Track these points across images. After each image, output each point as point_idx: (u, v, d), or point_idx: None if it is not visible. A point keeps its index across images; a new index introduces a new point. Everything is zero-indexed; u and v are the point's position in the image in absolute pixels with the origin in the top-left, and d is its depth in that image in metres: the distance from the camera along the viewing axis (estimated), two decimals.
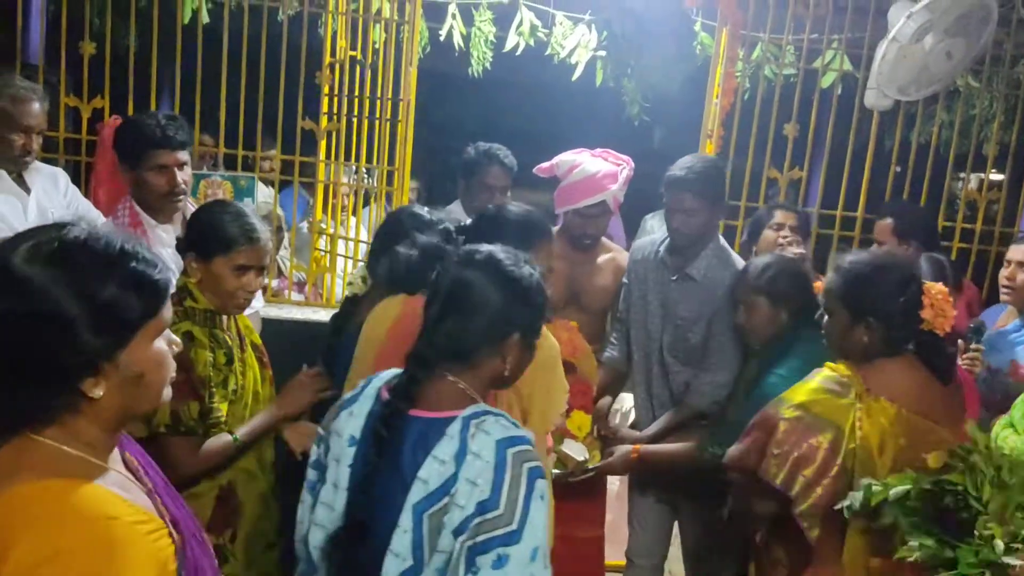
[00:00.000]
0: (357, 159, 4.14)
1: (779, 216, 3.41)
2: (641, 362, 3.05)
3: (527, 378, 1.93)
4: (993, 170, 4.28)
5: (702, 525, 2.96)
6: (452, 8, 4.45)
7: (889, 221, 3.50)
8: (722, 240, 2.99)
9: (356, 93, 4.09)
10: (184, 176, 2.80)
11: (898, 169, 4.28)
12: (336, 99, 4.07)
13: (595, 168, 3.01)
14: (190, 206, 2.90)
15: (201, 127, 4.04)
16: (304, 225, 4.46)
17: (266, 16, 3.97)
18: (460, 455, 1.48)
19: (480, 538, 1.42)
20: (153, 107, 3.93)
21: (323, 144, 4.09)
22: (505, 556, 1.41)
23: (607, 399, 3.14)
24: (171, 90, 4.02)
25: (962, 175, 4.76)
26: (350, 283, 2.60)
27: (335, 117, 4.07)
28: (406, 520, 1.48)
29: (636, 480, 3.14)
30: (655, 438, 2.92)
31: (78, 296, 1.11)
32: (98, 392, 1.15)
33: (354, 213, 4.31)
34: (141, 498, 1.22)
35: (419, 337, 1.63)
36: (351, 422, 1.62)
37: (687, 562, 3.09)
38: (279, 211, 4.82)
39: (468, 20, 4.51)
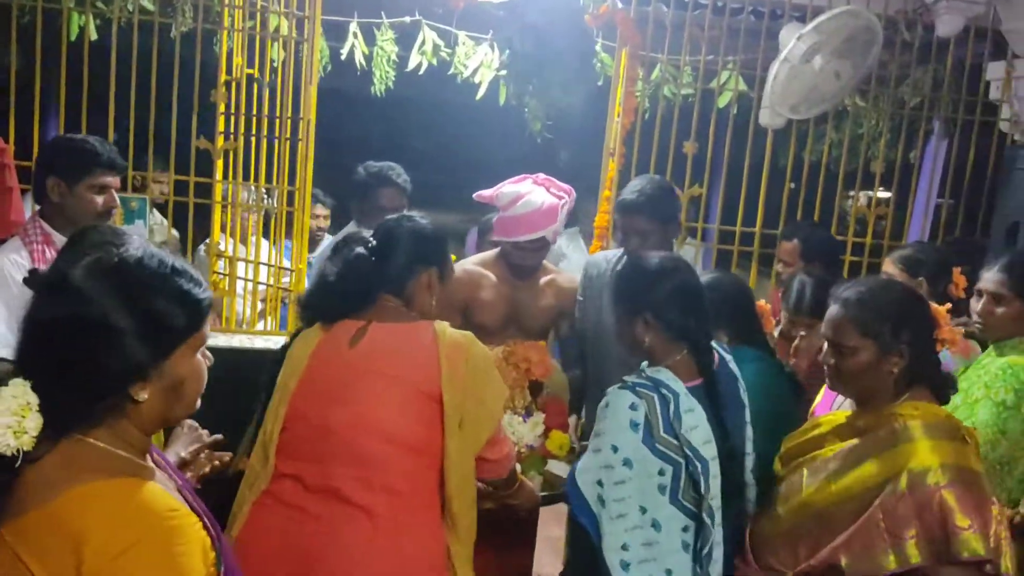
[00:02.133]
0: (256, 179, 4.03)
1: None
2: (597, 377, 3.02)
3: (457, 386, 1.95)
4: (881, 187, 4.46)
5: None
6: (353, 27, 4.40)
7: (795, 243, 3.60)
8: None
9: (254, 112, 3.99)
10: (115, 200, 2.81)
11: (792, 186, 4.42)
12: (233, 118, 3.96)
13: (539, 201, 2.94)
14: None
15: None
16: (202, 248, 4.32)
17: (157, 33, 3.85)
18: None
19: None
20: (36, 127, 3.75)
21: (219, 164, 3.97)
22: None
23: (572, 417, 3.14)
24: (56, 109, 3.85)
25: (852, 192, 4.94)
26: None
27: (231, 136, 3.96)
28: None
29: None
30: None
31: (132, 308, 1.24)
32: (144, 395, 1.27)
33: (265, 235, 4.20)
34: (176, 494, 1.35)
35: None
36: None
37: None
38: (174, 232, 4.67)
39: (370, 39, 4.47)
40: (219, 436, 1.85)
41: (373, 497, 1.99)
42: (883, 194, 4.60)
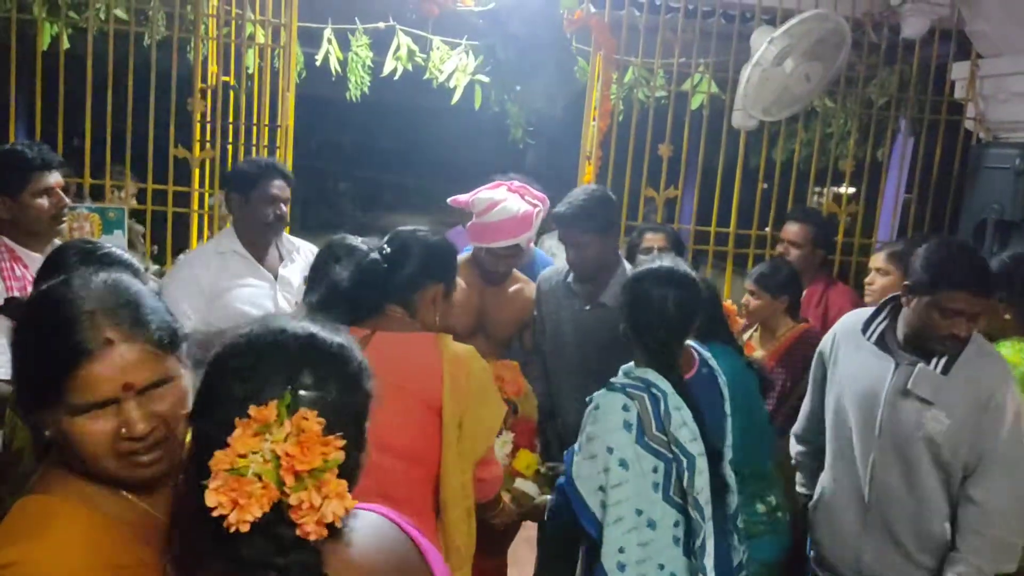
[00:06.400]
0: None
1: (648, 239, 3.53)
2: (561, 393, 3.03)
3: (458, 399, 1.99)
4: (851, 187, 4.55)
5: None
6: (328, 33, 4.41)
7: (807, 227, 3.64)
8: (626, 264, 3.05)
9: (231, 119, 3.99)
10: (65, 197, 2.74)
11: (765, 186, 4.49)
12: (210, 126, 3.95)
13: (514, 209, 2.95)
14: (56, 240, 2.76)
15: (65, 157, 3.84)
16: (181, 257, 4.30)
17: (132, 41, 3.83)
18: None
19: None
20: (12, 138, 3.72)
21: (196, 172, 3.96)
22: None
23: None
24: (30, 117, 3.82)
25: (822, 190, 5.03)
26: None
27: (208, 145, 3.95)
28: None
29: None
30: None
31: None
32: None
33: None
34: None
35: None
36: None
37: None
38: (138, 227, 4.63)
39: (344, 45, 4.48)
40: None
41: (367, 501, 2.00)
42: (844, 190, 4.69)
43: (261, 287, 3.04)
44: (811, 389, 2.70)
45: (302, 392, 0.98)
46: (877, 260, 3.36)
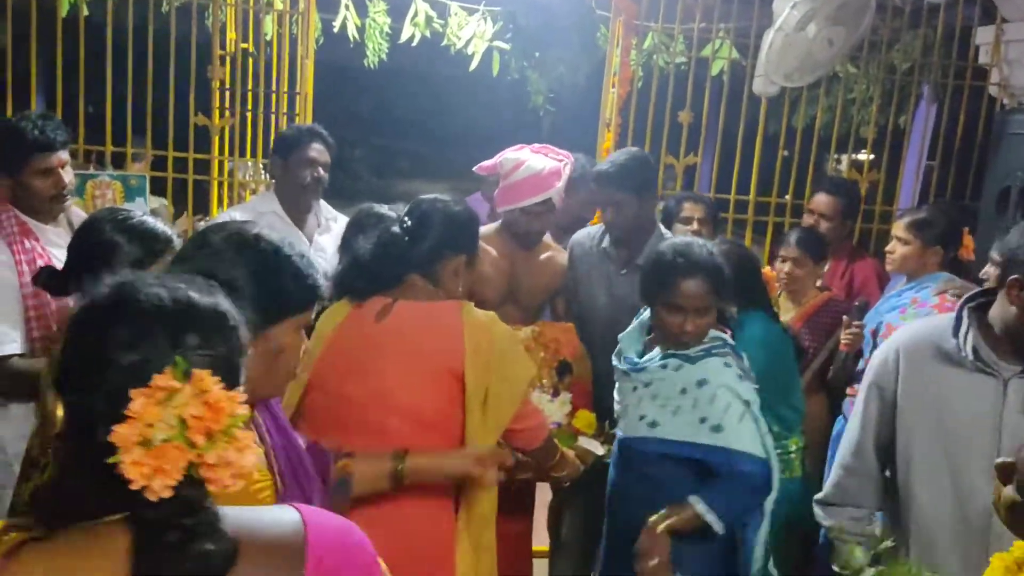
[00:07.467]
0: (253, 155, 4.04)
1: (687, 209, 3.53)
2: (594, 357, 3.01)
3: (480, 365, 2.02)
4: (871, 154, 4.51)
5: None
6: None
7: (838, 199, 3.62)
8: (663, 228, 3.04)
9: (250, 87, 3.99)
10: (68, 176, 2.66)
11: (786, 153, 4.46)
12: (229, 93, 3.96)
13: (540, 165, 2.95)
14: (75, 209, 2.78)
15: (85, 124, 3.86)
16: (201, 225, 4.33)
17: (152, 8, 3.82)
18: None
19: None
20: (33, 106, 3.74)
21: (216, 140, 3.97)
22: None
23: None
24: (51, 86, 3.83)
25: (842, 156, 4.99)
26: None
27: (226, 112, 3.96)
28: None
29: None
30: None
31: (253, 276, 1.38)
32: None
33: None
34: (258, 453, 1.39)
35: None
36: None
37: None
38: (163, 201, 4.66)
39: (362, 11, 4.45)
40: None
41: None
42: (864, 157, 4.65)
43: None
44: (862, 419, 2.06)
45: (193, 354, 0.98)
46: (898, 228, 3.30)
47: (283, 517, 1.05)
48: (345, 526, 1.08)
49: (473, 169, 3.17)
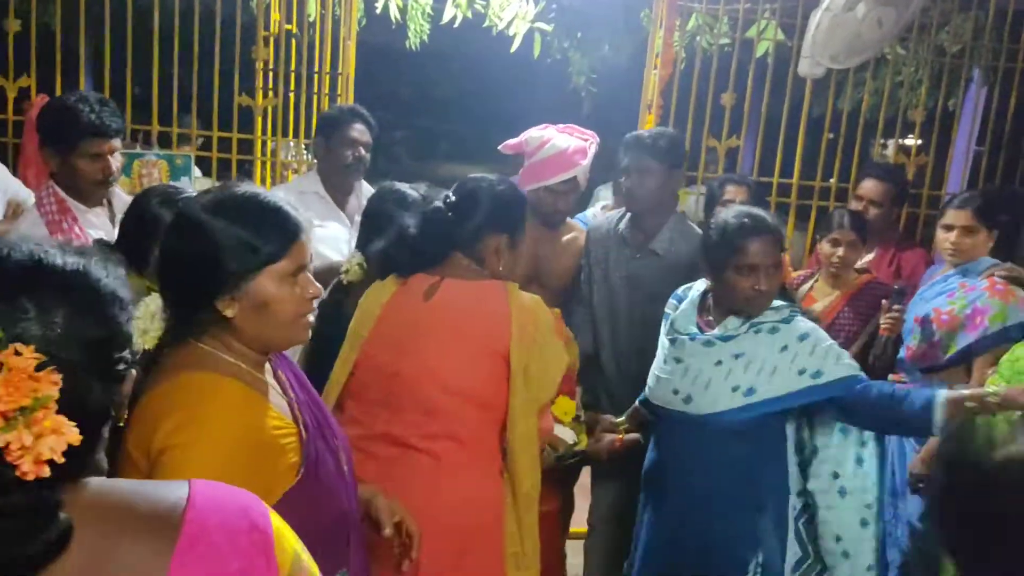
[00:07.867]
0: (296, 135, 4.07)
1: (730, 192, 3.49)
2: (609, 342, 3.03)
3: (525, 347, 2.05)
4: (919, 138, 4.43)
5: None
6: None
7: (890, 186, 3.51)
8: (682, 212, 3.03)
9: (293, 67, 4.02)
10: (116, 163, 2.69)
11: (831, 136, 4.39)
12: (272, 74, 3.99)
13: (565, 144, 2.96)
14: (117, 189, 2.82)
15: (132, 104, 3.93)
16: None
17: None
18: None
19: None
20: (82, 85, 3.80)
21: (259, 120, 4.01)
22: None
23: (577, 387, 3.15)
24: (99, 67, 3.89)
25: (889, 140, 4.90)
26: (345, 270, 2.53)
27: (270, 93, 3.99)
28: None
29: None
30: (632, 419, 2.85)
31: (219, 233, 1.42)
32: (230, 312, 1.44)
33: None
34: (281, 403, 1.51)
35: None
36: None
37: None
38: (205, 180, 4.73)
39: None
40: None
41: (436, 444, 2.06)
42: (911, 142, 4.55)
43: (338, 230, 3.11)
44: None
45: (20, 325, 0.87)
46: (960, 217, 3.05)
47: (166, 492, 0.95)
48: (239, 505, 0.98)
49: (498, 148, 3.17)
